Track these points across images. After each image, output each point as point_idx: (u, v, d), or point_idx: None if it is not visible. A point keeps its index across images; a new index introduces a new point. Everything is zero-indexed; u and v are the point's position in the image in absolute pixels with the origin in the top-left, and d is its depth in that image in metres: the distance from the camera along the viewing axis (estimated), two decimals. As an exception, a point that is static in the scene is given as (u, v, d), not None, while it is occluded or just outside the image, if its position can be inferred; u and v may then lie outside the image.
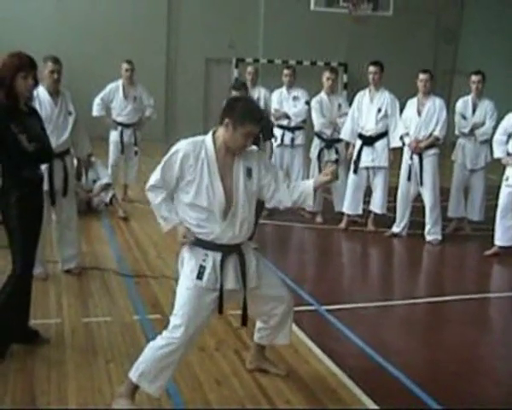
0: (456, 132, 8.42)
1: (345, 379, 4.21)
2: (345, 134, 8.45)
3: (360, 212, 8.51)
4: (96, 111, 9.09)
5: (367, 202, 8.62)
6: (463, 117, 8.33)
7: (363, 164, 8.27)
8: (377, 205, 8.41)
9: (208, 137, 3.66)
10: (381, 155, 8.24)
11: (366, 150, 8.23)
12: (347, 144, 8.58)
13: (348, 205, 8.43)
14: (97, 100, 9.13)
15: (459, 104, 8.41)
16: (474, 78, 8.26)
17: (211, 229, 3.62)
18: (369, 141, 8.23)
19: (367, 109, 8.25)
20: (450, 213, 8.44)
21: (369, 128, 8.20)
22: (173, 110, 18.70)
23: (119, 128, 9.24)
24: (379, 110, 8.22)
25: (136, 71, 9.34)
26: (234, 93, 6.37)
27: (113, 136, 9.33)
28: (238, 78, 10.40)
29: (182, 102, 18.52)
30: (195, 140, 3.66)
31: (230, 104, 3.67)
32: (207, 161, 3.58)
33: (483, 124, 8.20)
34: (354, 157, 8.31)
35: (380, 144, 8.24)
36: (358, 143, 8.28)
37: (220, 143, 3.64)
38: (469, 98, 8.34)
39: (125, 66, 9.20)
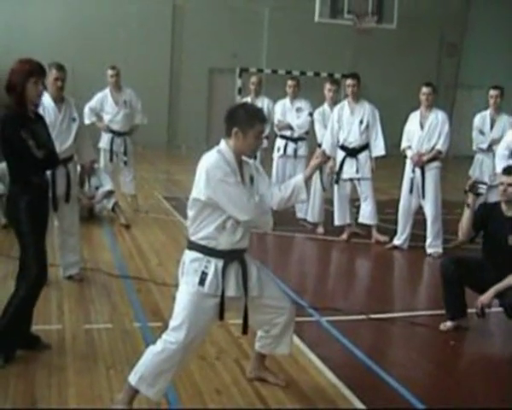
0: (474, 148, 8.40)
1: (344, 391, 4.20)
2: (326, 148, 8.42)
3: (348, 221, 8.54)
4: (87, 119, 8.74)
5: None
6: (481, 132, 8.37)
7: (346, 175, 8.36)
8: (368, 217, 8.45)
9: (226, 149, 3.66)
10: (364, 166, 8.33)
11: (349, 162, 8.32)
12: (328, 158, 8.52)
13: (336, 216, 8.53)
14: (85, 109, 8.85)
15: (477, 119, 8.47)
16: (492, 92, 8.29)
17: (217, 238, 3.64)
18: (352, 153, 8.29)
19: (348, 122, 8.31)
20: None
21: (353, 140, 8.28)
22: (177, 119, 18.79)
23: (111, 135, 9.18)
24: (361, 122, 8.27)
25: (139, 79, 9.35)
26: None
27: (103, 142, 9.29)
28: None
29: (185, 111, 18.61)
30: (222, 156, 3.60)
31: (232, 114, 3.70)
32: (234, 174, 3.60)
33: (501, 139, 8.15)
34: (337, 169, 8.37)
35: (363, 156, 8.34)
36: (340, 154, 8.35)
37: (235, 153, 3.67)
38: (487, 113, 8.34)
39: (110, 72, 9.14)
